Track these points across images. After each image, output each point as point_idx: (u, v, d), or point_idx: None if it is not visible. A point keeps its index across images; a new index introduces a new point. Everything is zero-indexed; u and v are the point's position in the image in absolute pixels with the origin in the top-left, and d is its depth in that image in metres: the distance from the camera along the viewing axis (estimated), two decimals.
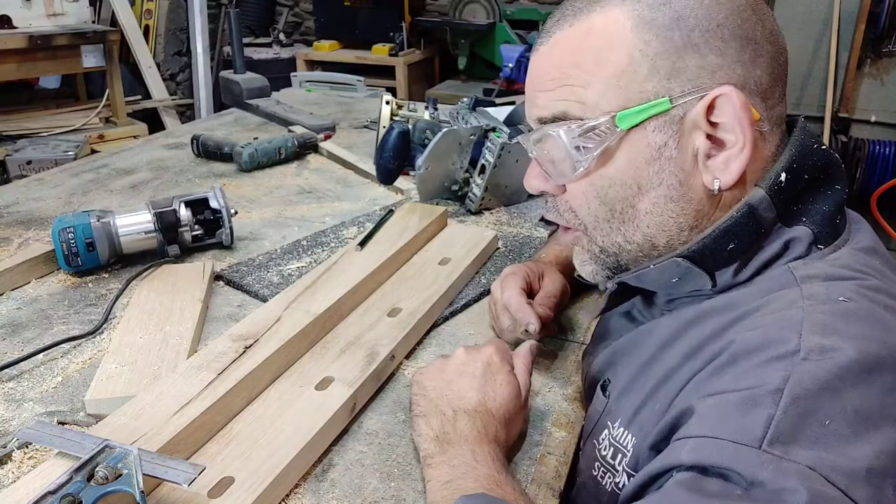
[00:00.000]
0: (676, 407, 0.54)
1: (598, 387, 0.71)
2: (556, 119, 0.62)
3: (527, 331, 0.86)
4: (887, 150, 3.19)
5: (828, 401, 0.46)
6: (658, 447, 0.56)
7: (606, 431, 0.66)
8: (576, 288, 0.97)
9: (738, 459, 0.45)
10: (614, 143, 0.59)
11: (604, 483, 0.66)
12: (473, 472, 0.60)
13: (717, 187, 0.58)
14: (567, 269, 0.94)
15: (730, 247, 0.58)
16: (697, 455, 0.47)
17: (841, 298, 0.53)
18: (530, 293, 0.90)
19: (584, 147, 0.60)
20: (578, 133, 0.60)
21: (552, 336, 0.92)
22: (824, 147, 0.62)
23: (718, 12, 0.57)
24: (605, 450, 0.66)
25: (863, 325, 0.51)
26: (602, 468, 0.66)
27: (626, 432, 0.63)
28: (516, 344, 0.90)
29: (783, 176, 0.58)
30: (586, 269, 0.70)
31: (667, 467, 0.49)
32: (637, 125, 0.58)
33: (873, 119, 3.29)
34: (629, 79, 0.58)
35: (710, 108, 0.57)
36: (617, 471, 0.64)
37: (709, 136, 0.58)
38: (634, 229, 0.62)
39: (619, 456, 0.63)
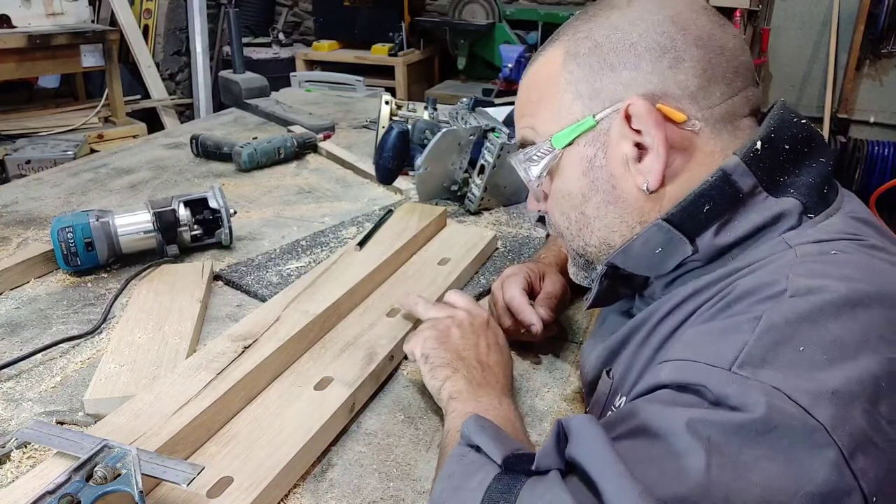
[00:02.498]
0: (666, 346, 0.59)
1: (604, 373, 0.72)
2: (522, 144, 0.73)
3: (529, 331, 0.86)
4: (886, 150, 3.19)
5: (805, 330, 0.49)
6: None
7: (611, 411, 0.67)
8: (576, 289, 0.97)
9: (709, 378, 0.49)
10: (556, 162, 0.69)
11: None
12: (495, 410, 0.68)
13: (645, 188, 0.64)
14: (567, 269, 0.94)
15: (705, 209, 0.61)
16: (676, 375, 0.51)
17: (833, 252, 0.56)
18: (531, 294, 0.90)
19: (534, 170, 0.70)
20: (526, 158, 0.71)
21: (553, 337, 0.92)
22: (804, 121, 0.65)
23: (632, 33, 0.64)
24: None
25: (853, 268, 0.53)
26: None
27: (626, 400, 0.64)
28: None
29: (759, 144, 0.61)
30: (571, 272, 0.78)
31: (650, 387, 0.53)
32: (571, 143, 0.67)
33: (872, 120, 3.30)
34: (559, 105, 0.68)
35: (630, 118, 0.63)
36: None
37: (637, 144, 0.63)
38: (590, 233, 0.70)
39: None
